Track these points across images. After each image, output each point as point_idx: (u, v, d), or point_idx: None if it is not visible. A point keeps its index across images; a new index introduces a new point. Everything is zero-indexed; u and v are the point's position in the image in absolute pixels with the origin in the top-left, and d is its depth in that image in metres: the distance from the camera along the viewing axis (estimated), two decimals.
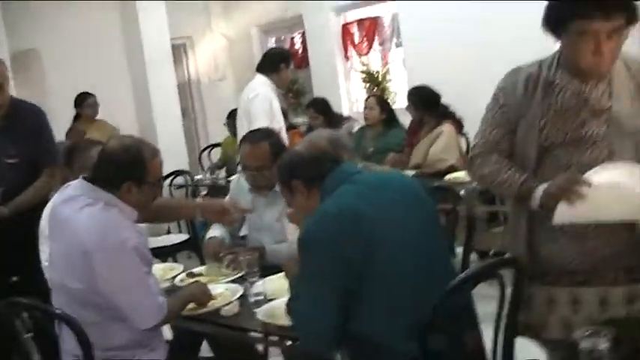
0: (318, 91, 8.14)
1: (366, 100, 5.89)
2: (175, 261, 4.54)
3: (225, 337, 2.81)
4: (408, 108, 5.45)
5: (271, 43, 8.94)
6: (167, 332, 2.88)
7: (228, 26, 9.07)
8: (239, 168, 4.06)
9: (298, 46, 8.57)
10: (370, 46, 7.77)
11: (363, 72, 7.79)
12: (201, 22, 8.84)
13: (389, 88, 7.58)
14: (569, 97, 2.08)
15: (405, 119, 5.67)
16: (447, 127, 5.08)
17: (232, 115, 5.94)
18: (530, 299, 2.19)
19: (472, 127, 2.62)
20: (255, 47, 8.73)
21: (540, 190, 2.06)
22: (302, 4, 8.02)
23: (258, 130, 3.56)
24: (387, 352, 1.96)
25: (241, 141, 3.43)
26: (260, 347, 3.30)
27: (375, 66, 7.82)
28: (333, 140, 2.91)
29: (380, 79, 7.63)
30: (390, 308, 1.97)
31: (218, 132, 7.53)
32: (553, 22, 2.04)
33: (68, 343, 2.35)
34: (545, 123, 2.08)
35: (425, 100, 5.22)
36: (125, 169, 2.41)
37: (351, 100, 8.00)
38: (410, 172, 4.75)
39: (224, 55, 9.02)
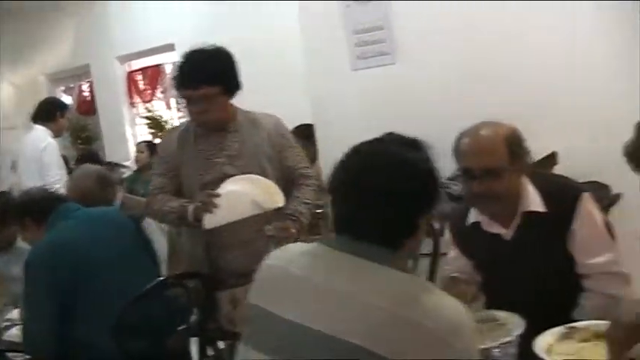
0: (107, 136, 8.55)
1: (137, 145, 6.40)
2: None
3: None
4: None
5: (59, 91, 9.23)
6: None
7: (17, 75, 9.26)
8: None
9: (87, 93, 8.94)
10: (153, 93, 8.30)
11: (147, 117, 8.29)
12: None
13: None
14: (209, 145, 2.88)
15: None
16: None
17: None
18: (218, 303, 2.85)
19: None
20: (43, 96, 8.95)
21: (191, 207, 2.77)
22: (88, 52, 8.41)
23: None
24: (97, 350, 2.53)
25: None
26: None
27: (162, 112, 8.34)
28: (101, 177, 3.45)
29: (163, 125, 8.17)
30: (98, 316, 2.54)
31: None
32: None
33: None
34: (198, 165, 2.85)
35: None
36: None
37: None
38: None
39: (12, 104, 9.18)
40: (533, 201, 2.21)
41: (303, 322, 1.43)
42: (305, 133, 4.58)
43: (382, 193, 1.45)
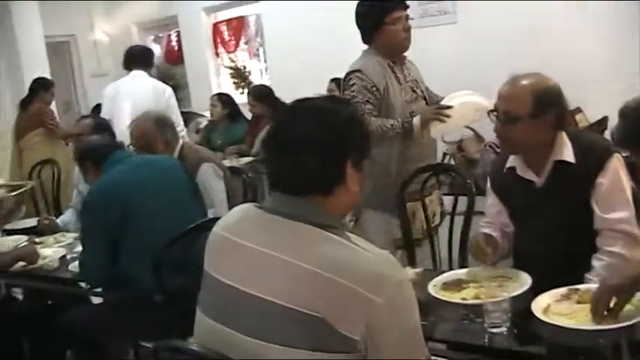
0: (193, 85, 8.85)
1: (211, 98, 6.58)
2: None
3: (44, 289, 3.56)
4: (248, 103, 6.15)
5: (149, 40, 9.58)
6: None
7: (110, 24, 9.66)
8: None
9: (174, 43, 9.25)
10: (237, 44, 8.52)
11: (231, 68, 8.52)
12: (83, 20, 9.41)
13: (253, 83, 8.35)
14: (399, 72, 3.37)
15: None
16: None
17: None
18: None
19: None
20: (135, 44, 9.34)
21: (417, 119, 3.19)
22: (176, 4, 8.67)
23: None
24: (139, 284, 2.77)
25: None
26: None
27: (245, 62, 8.55)
28: (160, 120, 3.66)
29: (246, 75, 8.39)
30: (142, 253, 2.74)
31: None
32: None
33: None
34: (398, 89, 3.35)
35: (260, 95, 6.02)
36: None
37: None
38: (247, 160, 5.59)
39: (106, 52, 9.61)
40: (565, 152, 2.33)
41: (237, 285, 1.52)
42: None
43: (306, 142, 1.52)
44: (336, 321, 1.39)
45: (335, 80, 5.90)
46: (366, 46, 3.42)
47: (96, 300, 3.96)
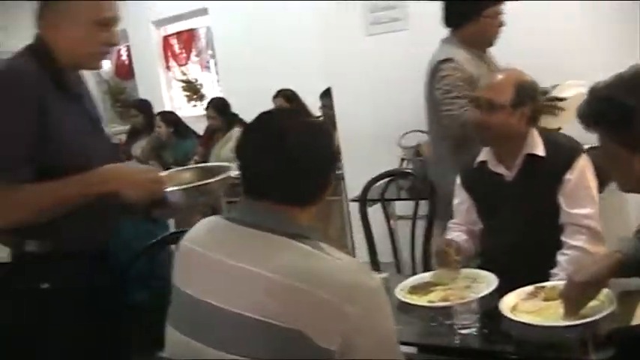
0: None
1: (155, 117, 6.53)
2: None
3: None
4: (207, 115, 6.16)
5: None
6: None
7: None
8: None
9: (125, 57, 9.13)
10: (188, 57, 8.46)
11: (182, 81, 8.46)
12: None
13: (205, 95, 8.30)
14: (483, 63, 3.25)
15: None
16: (236, 132, 5.83)
17: None
18: None
19: None
20: None
21: None
22: (125, 18, 8.51)
23: None
24: None
25: None
26: None
27: (196, 75, 8.49)
28: None
29: (198, 88, 8.34)
30: None
31: None
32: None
33: None
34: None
35: (222, 107, 6.04)
36: None
37: (174, 108, 8.65)
38: None
39: None
40: (536, 145, 2.44)
41: (209, 300, 1.48)
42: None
43: (302, 152, 1.51)
44: (312, 333, 1.36)
45: (281, 92, 5.97)
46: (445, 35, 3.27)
47: None
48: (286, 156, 1.50)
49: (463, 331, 1.96)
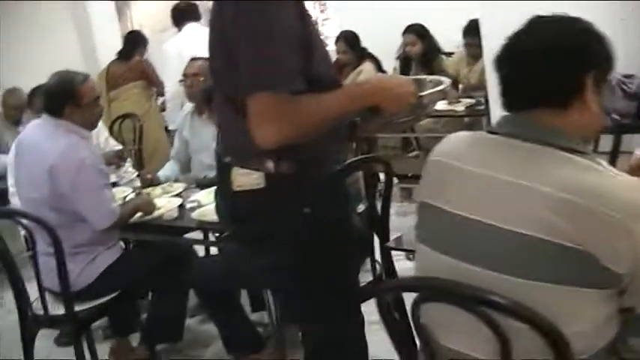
0: None
1: None
2: None
3: (165, 242, 3.40)
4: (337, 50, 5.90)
5: None
6: None
7: None
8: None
9: None
10: None
11: None
12: None
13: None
14: None
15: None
16: (367, 66, 5.66)
17: None
18: None
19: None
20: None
21: None
22: None
23: None
24: None
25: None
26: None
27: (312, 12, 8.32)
28: None
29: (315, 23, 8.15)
30: None
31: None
32: None
33: (40, 244, 2.90)
34: None
35: (349, 41, 5.80)
36: (61, 97, 2.97)
37: None
38: None
39: (165, 6, 9.38)
40: None
41: (474, 216, 1.43)
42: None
43: (541, 51, 1.44)
44: (600, 253, 1.30)
45: (411, 27, 5.68)
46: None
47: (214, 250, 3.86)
48: (530, 57, 1.46)
49: None
